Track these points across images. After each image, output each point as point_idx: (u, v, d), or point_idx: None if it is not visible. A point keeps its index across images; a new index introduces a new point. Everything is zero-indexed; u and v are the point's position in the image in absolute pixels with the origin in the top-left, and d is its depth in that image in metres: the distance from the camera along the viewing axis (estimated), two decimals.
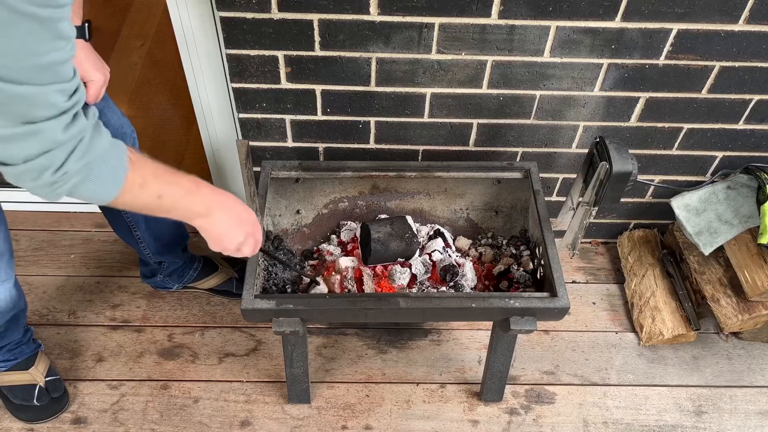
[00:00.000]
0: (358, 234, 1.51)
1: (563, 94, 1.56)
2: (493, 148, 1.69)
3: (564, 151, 1.71)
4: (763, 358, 1.75)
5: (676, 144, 1.69)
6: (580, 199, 1.38)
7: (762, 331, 1.73)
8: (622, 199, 1.35)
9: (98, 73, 1.22)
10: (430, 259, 1.51)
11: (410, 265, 1.47)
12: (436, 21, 1.39)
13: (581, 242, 1.49)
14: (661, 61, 1.48)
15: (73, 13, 1.09)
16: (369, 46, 1.44)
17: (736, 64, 1.48)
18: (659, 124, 1.63)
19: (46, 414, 1.55)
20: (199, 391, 1.63)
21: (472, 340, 1.76)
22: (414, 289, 1.48)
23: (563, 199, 1.72)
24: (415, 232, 1.46)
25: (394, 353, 1.73)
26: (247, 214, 1.11)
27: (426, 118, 1.61)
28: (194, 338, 1.74)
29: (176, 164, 1.03)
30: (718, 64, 1.48)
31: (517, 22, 1.39)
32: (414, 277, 1.48)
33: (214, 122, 1.74)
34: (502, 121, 1.62)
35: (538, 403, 1.64)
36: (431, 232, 1.58)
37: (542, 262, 1.40)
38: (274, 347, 1.73)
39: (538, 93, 1.55)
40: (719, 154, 1.71)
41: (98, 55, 1.25)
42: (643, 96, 1.56)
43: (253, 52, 1.46)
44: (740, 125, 1.63)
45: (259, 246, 1.17)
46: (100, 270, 1.90)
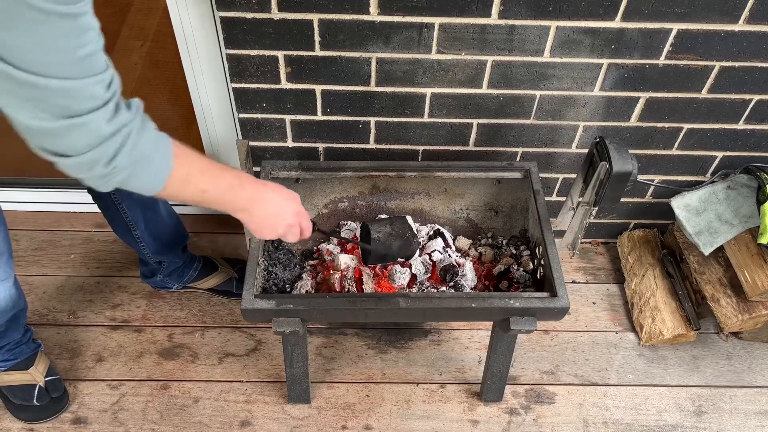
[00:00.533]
0: (358, 234, 1.51)
1: (563, 94, 1.56)
2: (493, 148, 1.69)
3: (564, 151, 1.71)
4: (763, 358, 1.75)
5: (676, 144, 1.69)
6: (580, 199, 1.38)
7: (762, 331, 1.73)
8: (622, 199, 1.35)
9: None
10: (430, 259, 1.51)
11: (410, 265, 1.47)
12: (436, 21, 1.39)
13: (581, 242, 1.49)
14: (661, 61, 1.48)
15: None
16: (369, 46, 1.44)
17: (736, 64, 1.48)
18: (659, 124, 1.63)
19: (46, 414, 1.55)
20: (199, 391, 1.63)
21: (472, 340, 1.76)
22: (414, 289, 1.48)
23: (563, 199, 1.72)
24: (415, 232, 1.46)
25: (394, 353, 1.73)
26: (289, 206, 1.12)
27: (426, 118, 1.61)
28: (194, 338, 1.74)
29: None
30: (718, 64, 1.48)
31: (517, 22, 1.39)
32: (414, 277, 1.48)
33: (214, 122, 1.74)
34: (502, 121, 1.62)
35: (538, 403, 1.64)
36: (431, 232, 1.58)
37: (542, 262, 1.40)
38: (274, 347, 1.73)
39: (538, 93, 1.55)
40: (719, 154, 1.71)
41: None
42: (643, 96, 1.56)
43: (253, 52, 1.46)
44: (740, 125, 1.63)
45: (307, 232, 1.18)
46: (100, 270, 1.90)
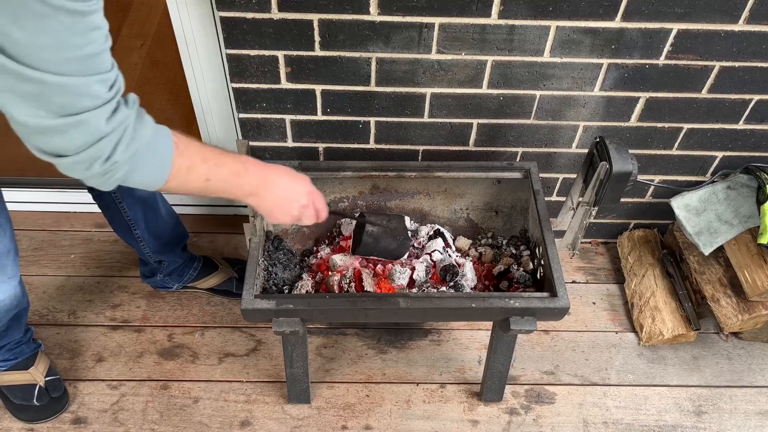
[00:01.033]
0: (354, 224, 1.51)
1: (563, 94, 1.56)
2: (493, 148, 1.69)
3: (564, 151, 1.71)
4: (763, 358, 1.75)
5: (676, 144, 1.69)
6: (580, 199, 1.38)
7: (762, 331, 1.73)
8: (622, 199, 1.35)
9: None
10: (431, 259, 1.51)
11: (414, 268, 1.48)
12: (436, 21, 1.39)
13: (581, 242, 1.49)
14: (661, 61, 1.48)
15: None
16: (369, 46, 1.44)
17: (736, 64, 1.48)
18: (659, 124, 1.63)
19: (46, 414, 1.55)
20: (199, 391, 1.63)
21: (472, 340, 1.76)
22: (414, 290, 1.48)
23: (563, 199, 1.72)
24: (409, 235, 1.46)
25: (394, 353, 1.73)
26: (299, 186, 1.11)
27: (426, 118, 1.61)
28: (194, 338, 1.74)
29: None
30: (718, 64, 1.48)
31: (517, 22, 1.39)
32: (413, 280, 1.48)
33: (214, 122, 1.74)
34: (502, 121, 1.62)
35: (538, 403, 1.64)
36: (431, 232, 1.58)
37: (542, 262, 1.40)
38: (274, 347, 1.73)
39: (538, 93, 1.55)
40: (719, 154, 1.71)
41: None
42: (643, 96, 1.56)
43: (253, 52, 1.46)
44: (740, 125, 1.63)
45: (324, 213, 1.17)
46: (100, 270, 1.90)
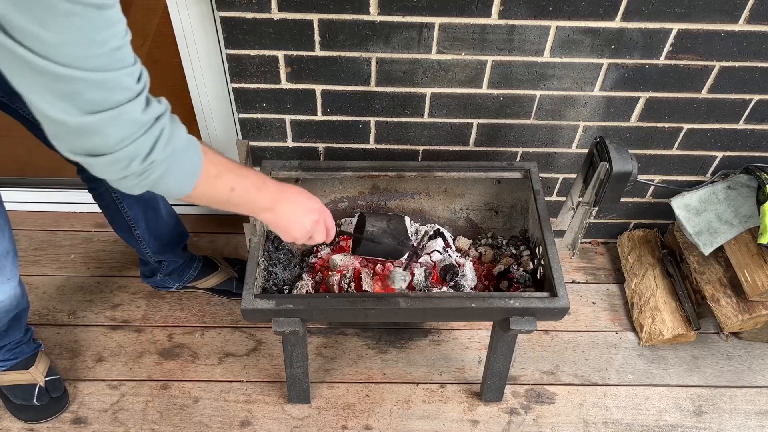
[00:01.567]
0: (354, 222, 1.51)
1: (563, 94, 1.56)
2: (493, 148, 1.69)
3: (564, 151, 1.71)
4: (763, 358, 1.75)
5: (676, 144, 1.69)
6: (580, 199, 1.38)
7: (762, 331, 1.73)
8: (622, 199, 1.35)
9: None
10: (431, 259, 1.51)
11: (413, 274, 1.48)
12: (436, 21, 1.39)
13: (581, 242, 1.49)
14: (661, 61, 1.48)
15: None
16: (369, 46, 1.44)
17: (736, 64, 1.48)
18: (659, 124, 1.63)
19: (46, 414, 1.55)
20: (199, 391, 1.63)
21: (472, 340, 1.76)
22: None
23: (563, 199, 1.72)
24: (409, 235, 1.46)
25: (394, 353, 1.73)
26: (312, 203, 1.14)
27: (426, 118, 1.61)
28: (194, 338, 1.74)
29: None
30: (718, 64, 1.48)
31: (517, 22, 1.39)
32: (412, 281, 1.48)
33: (214, 122, 1.74)
34: (502, 121, 1.62)
35: (538, 403, 1.64)
36: (431, 232, 1.58)
37: (542, 262, 1.40)
38: (274, 347, 1.73)
39: (538, 93, 1.55)
40: (719, 154, 1.71)
41: None
42: (643, 96, 1.56)
43: (253, 52, 1.46)
44: (740, 125, 1.63)
45: (332, 231, 1.20)
46: (100, 270, 1.90)
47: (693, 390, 1.68)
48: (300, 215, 1.11)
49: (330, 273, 1.50)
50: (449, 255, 1.53)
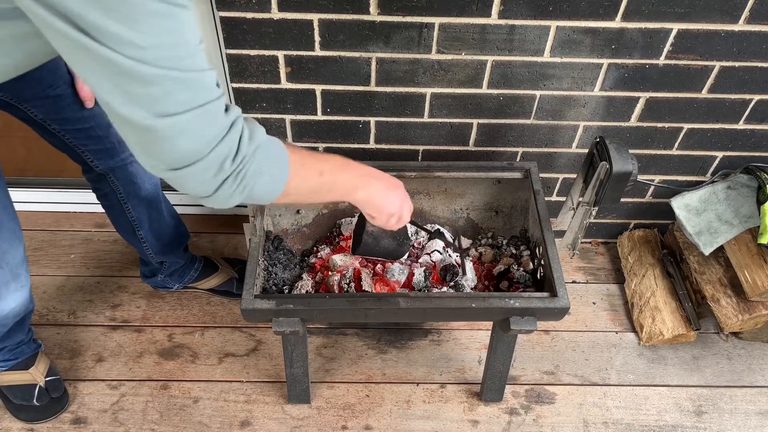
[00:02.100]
0: (355, 222, 1.51)
1: (563, 94, 1.56)
2: (493, 148, 1.69)
3: (564, 151, 1.71)
4: (763, 358, 1.75)
5: (676, 144, 1.69)
6: (580, 199, 1.38)
7: (762, 331, 1.73)
8: (622, 199, 1.35)
9: None
10: (431, 259, 1.51)
11: (413, 274, 1.48)
12: (436, 21, 1.39)
13: (581, 242, 1.49)
14: (661, 61, 1.48)
15: None
16: (369, 46, 1.44)
17: (736, 64, 1.48)
18: (659, 124, 1.63)
19: (46, 414, 1.55)
20: (199, 391, 1.63)
21: (472, 340, 1.76)
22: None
23: (563, 199, 1.72)
24: (409, 235, 1.46)
25: (394, 353, 1.73)
26: (394, 179, 1.12)
27: (426, 118, 1.61)
28: (194, 338, 1.74)
29: None
30: (718, 64, 1.48)
31: (517, 22, 1.39)
32: (412, 275, 1.48)
33: None
34: (502, 121, 1.62)
35: (538, 403, 1.64)
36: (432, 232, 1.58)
37: (542, 262, 1.40)
38: (274, 347, 1.73)
39: (538, 93, 1.55)
40: (719, 154, 1.71)
41: None
42: (643, 96, 1.56)
43: (253, 52, 1.46)
44: (740, 125, 1.63)
45: (412, 209, 1.17)
46: (100, 270, 1.90)
47: (693, 390, 1.68)
48: (391, 189, 1.09)
49: (330, 273, 1.50)
50: (449, 255, 1.53)
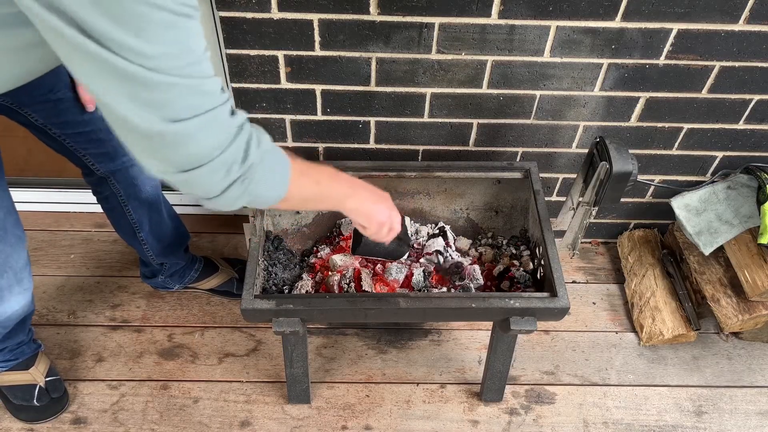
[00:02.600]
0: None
1: (563, 94, 1.56)
2: (493, 148, 1.69)
3: (564, 151, 1.71)
4: (764, 358, 1.75)
5: (676, 144, 1.69)
6: (580, 199, 1.38)
7: (762, 331, 1.73)
8: (622, 199, 1.35)
9: None
10: (435, 259, 1.51)
11: (413, 275, 1.48)
12: (436, 21, 1.39)
13: (581, 242, 1.49)
14: (661, 61, 1.48)
15: None
16: (369, 46, 1.44)
17: (736, 64, 1.48)
18: (659, 124, 1.63)
19: (46, 414, 1.55)
20: (199, 391, 1.63)
21: (472, 340, 1.76)
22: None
23: (563, 199, 1.72)
24: (409, 235, 1.46)
25: (394, 353, 1.73)
26: (380, 190, 1.15)
27: (426, 118, 1.61)
28: (194, 338, 1.74)
29: None
30: (718, 64, 1.48)
31: (517, 22, 1.39)
32: (411, 275, 1.48)
33: None
34: (502, 121, 1.62)
35: (538, 403, 1.64)
36: (435, 230, 1.58)
37: (542, 262, 1.40)
38: (274, 347, 1.73)
39: (538, 93, 1.55)
40: (719, 154, 1.71)
41: None
42: (643, 96, 1.56)
43: (253, 52, 1.46)
44: (740, 125, 1.63)
45: (400, 219, 1.20)
46: (100, 270, 1.90)
47: (693, 390, 1.68)
48: (378, 198, 1.12)
49: (330, 273, 1.50)
50: (450, 255, 1.53)
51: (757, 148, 1.69)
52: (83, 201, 1.98)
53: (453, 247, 1.57)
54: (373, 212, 1.11)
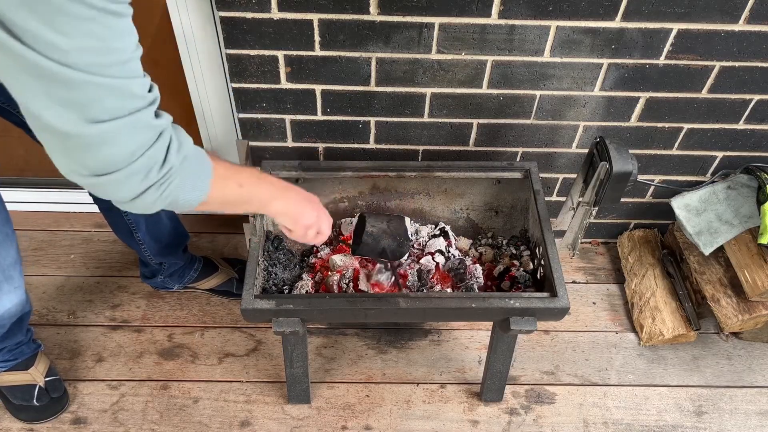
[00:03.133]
0: (355, 223, 1.51)
1: (563, 94, 1.56)
2: (493, 148, 1.69)
3: (564, 151, 1.71)
4: (763, 358, 1.75)
5: (676, 144, 1.69)
6: (580, 199, 1.38)
7: (762, 331, 1.73)
8: (622, 199, 1.35)
9: None
10: (436, 258, 1.51)
11: (408, 275, 1.47)
12: (436, 21, 1.39)
13: (581, 242, 1.49)
14: (661, 61, 1.48)
15: None
16: (369, 46, 1.44)
17: (736, 64, 1.48)
18: (659, 124, 1.63)
19: (46, 414, 1.55)
20: (199, 391, 1.63)
21: (472, 340, 1.76)
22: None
23: (563, 199, 1.72)
24: (409, 236, 1.46)
25: (394, 353, 1.73)
26: (309, 193, 1.16)
27: (426, 118, 1.61)
28: (194, 338, 1.74)
29: None
30: (718, 64, 1.48)
31: (517, 22, 1.39)
32: (405, 279, 1.48)
33: (214, 122, 1.74)
34: (502, 121, 1.62)
35: (538, 403, 1.64)
36: (436, 231, 1.58)
37: (542, 262, 1.40)
38: (274, 347, 1.73)
39: (538, 93, 1.55)
40: (719, 154, 1.71)
41: None
42: (643, 96, 1.56)
43: (253, 52, 1.46)
44: (740, 125, 1.63)
45: (328, 230, 1.20)
46: (100, 270, 1.90)
47: (693, 390, 1.68)
48: (306, 201, 1.13)
49: (329, 273, 1.50)
50: (452, 255, 1.53)
51: (757, 148, 1.69)
52: (83, 201, 1.98)
53: (454, 247, 1.57)
54: (300, 215, 1.11)
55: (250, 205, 1.04)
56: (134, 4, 0.73)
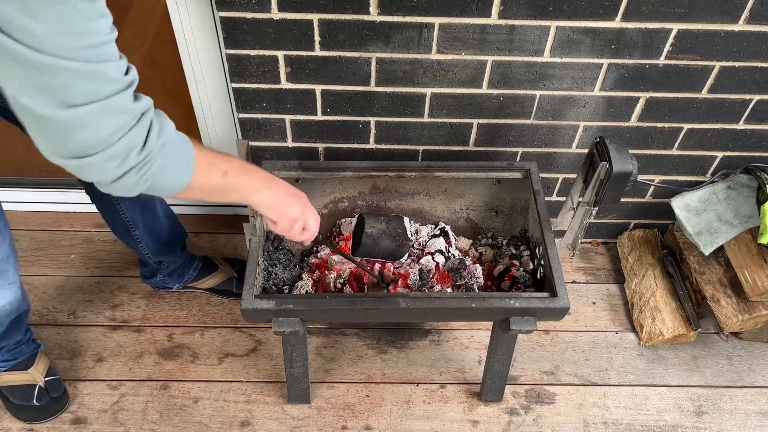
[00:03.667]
0: (354, 224, 1.51)
1: (563, 94, 1.56)
2: (493, 148, 1.69)
3: (564, 151, 1.71)
4: (763, 358, 1.75)
5: (676, 144, 1.69)
6: (580, 199, 1.38)
7: (762, 331, 1.73)
8: (622, 199, 1.35)
9: None
10: (434, 259, 1.51)
11: (408, 275, 1.48)
12: (436, 21, 1.39)
13: (581, 242, 1.49)
14: (661, 61, 1.48)
15: None
16: (369, 46, 1.44)
17: (736, 64, 1.48)
18: (659, 124, 1.63)
19: (46, 414, 1.55)
20: (199, 391, 1.63)
21: (472, 340, 1.76)
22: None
23: (563, 199, 1.72)
24: (408, 236, 1.46)
25: (394, 353, 1.73)
26: (296, 188, 1.15)
27: (426, 118, 1.61)
28: (194, 338, 1.74)
29: None
30: (718, 64, 1.48)
31: (517, 22, 1.39)
32: (407, 278, 1.48)
33: (214, 122, 1.74)
34: (502, 121, 1.62)
35: (538, 403, 1.64)
36: (436, 231, 1.58)
37: (542, 262, 1.40)
38: (274, 347, 1.73)
39: (538, 93, 1.55)
40: (719, 154, 1.71)
41: None
42: (643, 96, 1.56)
43: (253, 52, 1.46)
44: (740, 125, 1.63)
45: (315, 227, 1.19)
46: (100, 270, 1.90)
47: (693, 390, 1.68)
48: (292, 195, 1.12)
49: (326, 272, 1.50)
50: (452, 255, 1.53)
51: (757, 148, 1.69)
52: (83, 201, 1.97)
53: (454, 247, 1.58)
54: (285, 207, 1.10)
55: (234, 194, 1.02)
56: (134, 5, 0.73)
